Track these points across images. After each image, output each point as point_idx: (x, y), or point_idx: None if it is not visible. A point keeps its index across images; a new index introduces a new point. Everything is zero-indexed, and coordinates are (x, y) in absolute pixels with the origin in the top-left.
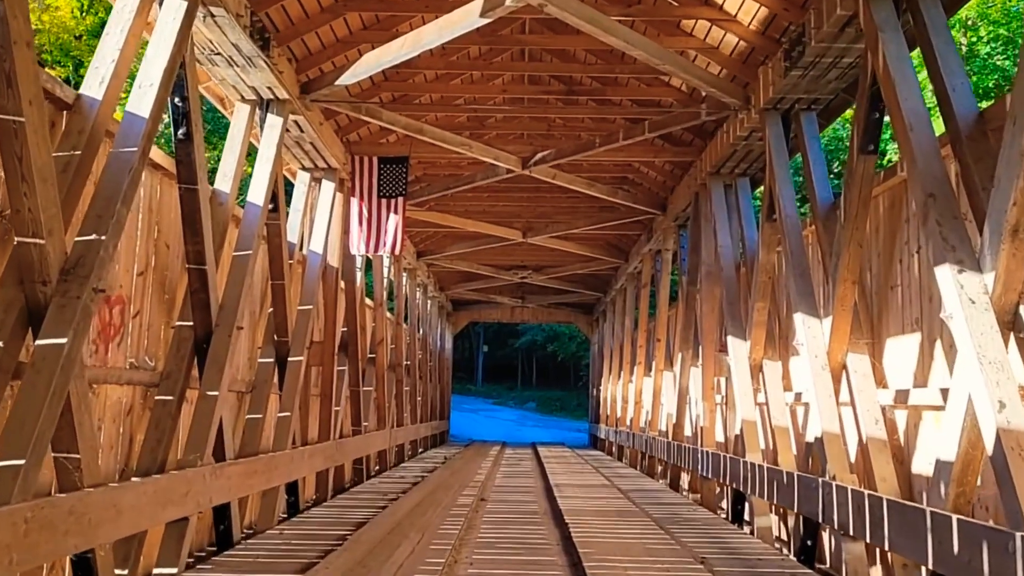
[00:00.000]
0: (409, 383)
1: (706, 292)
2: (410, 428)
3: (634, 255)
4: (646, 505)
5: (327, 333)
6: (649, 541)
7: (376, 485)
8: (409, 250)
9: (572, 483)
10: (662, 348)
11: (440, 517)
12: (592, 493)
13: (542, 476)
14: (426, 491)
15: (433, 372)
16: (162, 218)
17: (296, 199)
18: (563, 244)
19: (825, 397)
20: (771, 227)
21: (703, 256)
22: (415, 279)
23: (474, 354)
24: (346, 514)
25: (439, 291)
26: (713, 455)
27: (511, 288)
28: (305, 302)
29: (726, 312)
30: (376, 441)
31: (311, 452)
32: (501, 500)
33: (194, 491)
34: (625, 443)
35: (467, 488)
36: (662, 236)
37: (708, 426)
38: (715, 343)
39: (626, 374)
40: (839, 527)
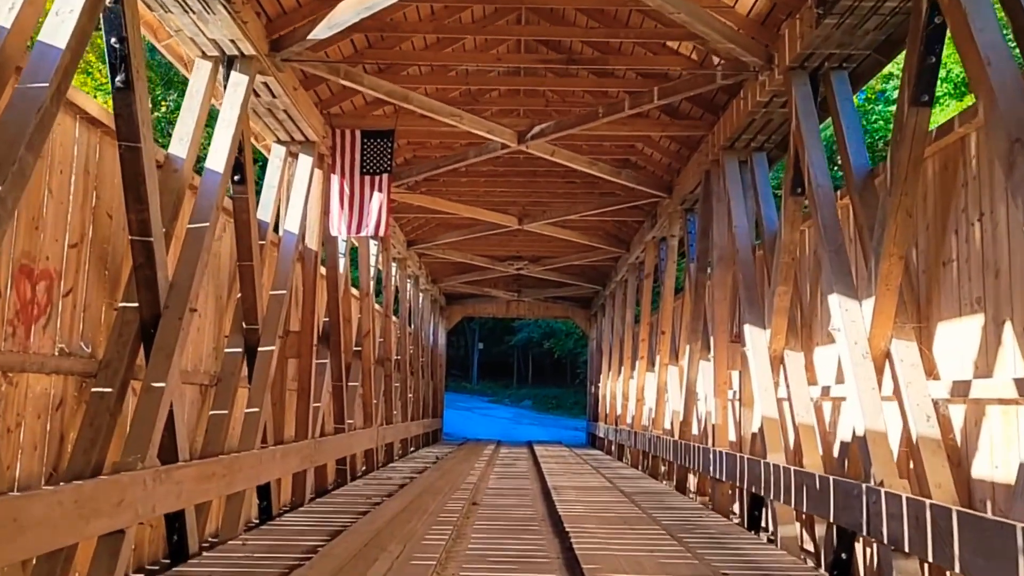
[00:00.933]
0: (399, 379)
1: (718, 278)
2: (400, 426)
3: (636, 244)
4: (653, 510)
5: (305, 323)
6: (662, 554)
7: (360, 487)
8: (399, 239)
9: (571, 485)
10: (667, 341)
11: (426, 525)
12: (593, 496)
13: (539, 477)
14: (413, 494)
15: (425, 368)
16: (103, 183)
17: (270, 175)
18: (561, 232)
19: (867, 390)
20: (795, 202)
21: (715, 239)
22: (405, 269)
23: (469, 351)
24: (323, 521)
25: (431, 284)
26: (728, 456)
27: (507, 281)
28: (278, 287)
29: (743, 298)
30: (361, 440)
31: (284, 452)
32: (494, 504)
33: (130, 499)
34: (626, 442)
35: (458, 491)
36: (667, 222)
37: (720, 424)
38: (728, 333)
39: (627, 370)
40: (890, 542)
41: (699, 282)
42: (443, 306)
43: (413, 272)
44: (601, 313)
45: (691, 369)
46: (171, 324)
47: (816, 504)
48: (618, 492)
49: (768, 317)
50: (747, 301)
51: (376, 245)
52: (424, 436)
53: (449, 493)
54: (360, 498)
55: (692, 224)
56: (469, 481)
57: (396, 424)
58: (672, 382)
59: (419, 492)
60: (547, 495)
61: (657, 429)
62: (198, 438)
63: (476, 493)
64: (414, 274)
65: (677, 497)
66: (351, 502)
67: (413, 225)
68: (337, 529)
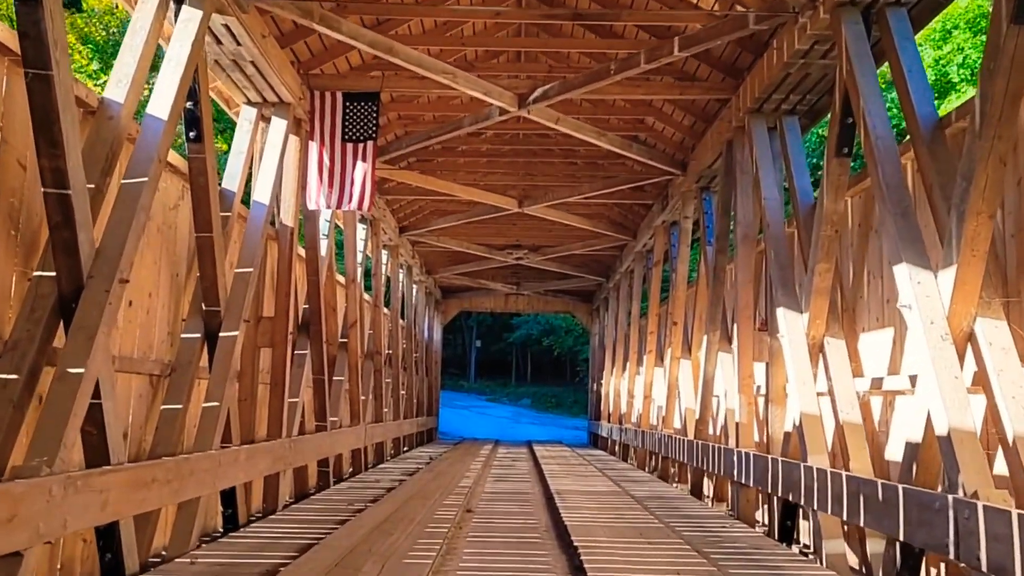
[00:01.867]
0: (391, 375)
1: (742, 259)
2: (391, 425)
3: (643, 230)
4: (669, 519)
5: (279, 308)
6: (692, 572)
7: (344, 491)
8: (390, 224)
9: (576, 489)
10: (679, 333)
11: (412, 537)
12: (602, 503)
13: (540, 480)
14: (400, 500)
15: (420, 364)
16: (12, 124)
17: (239, 140)
18: (563, 217)
19: (949, 379)
20: (840, 165)
21: (738, 216)
22: (397, 258)
23: (467, 349)
24: (294, 532)
25: (426, 275)
26: (757, 458)
27: (505, 274)
28: (244, 264)
29: (775, 279)
30: (346, 439)
31: (251, 453)
32: (491, 512)
33: (26, 514)
34: (632, 442)
35: (451, 495)
36: (680, 203)
37: (745, 422)
38: (753, 321)
39: (632, 366)
40: (993, 570)
41: (718, 266)
42: (438, 300)
43: (406, 261)
44: (604, 307)
45: (708, 362)
46: (95, 298)
47: (879, 517)
48: (628, 497)
49: (804, 301)
50: (780, 282)
51: (365, 230)
52: (418, 435)
53: (441, 498)
54: (342, 504)
55: (708, 203)
56: (463, 484)
57: (387, 423)
58: (685, 377)
59: (407, 497)
60: (550, 501)
61: (668, 428)
62: (148, 437)
63: (471, 498)
64: (407, 263)
65: (694, 503)
66: (331, 508)
67: (405, 211)
68: (308, 543)
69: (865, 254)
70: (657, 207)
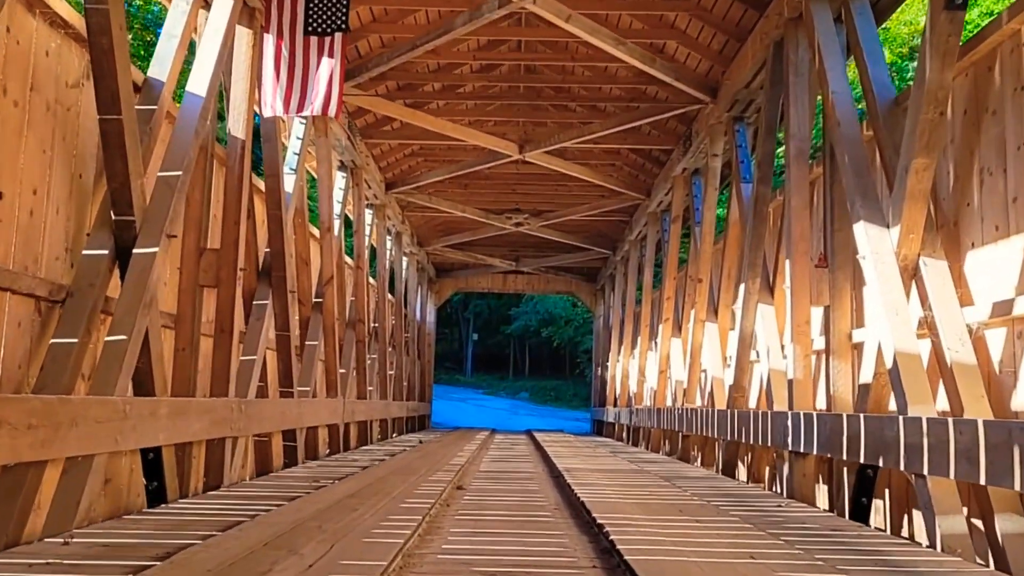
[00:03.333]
0: (378, 350)
1: (795, 182)
2: (377, 404)
3: (660, 185)
4: (710, 496)
5: (227, 238)
6: (774, 562)
7: (314, 469)
8: (374, 177)
9: (587, 467)
10: (703, 293)
11: (381, 514)
12: (621, 480)
13: (544, 460)
14: (376, 476)
15: (411, 345)
16: None
17: (171, 22)
18: (569, 168)
19: None
20: (951, 21)
21: (792, 129)
22: (384, 219)
23: (463, 343)
24: (228, 509)
25: (418, 247)
26: (826, 419)
27: (503, 251)
28: (171, 167)
29: (852, 189)
30: (319, 411)
31: (177, 409)
32: (487, 489)
33: None
34: (645, 423)
35: (439, 472)
36: (707, 140)
37: (802, 378)
38: (811, 256)
39: (644, 341)
40: None
41: (760, 201)
42: (432, 278)
43: (394, 227)
44: (609, 286)
45: (746, 317)
46: None
47: None
48: (653, 476)
49: (892, 212)
50: (858, 192)
51: (345, 179)
52: (408, 421)
53: (427, 474)
54: (307, 481)
55: (742, 135)
56: (455, 463)
57: (372, 401)
58: (711, 342)
59: (387, 473)
60: (558, 479)
61: (690, 401)
62: (33, 380)
63: (463, 476)
64: (395, 229)
65: (729, 482)
66: (290, 485)
67: (389, 159)
68: (239, 520)
69: (977, 147)
70: (677, 153)
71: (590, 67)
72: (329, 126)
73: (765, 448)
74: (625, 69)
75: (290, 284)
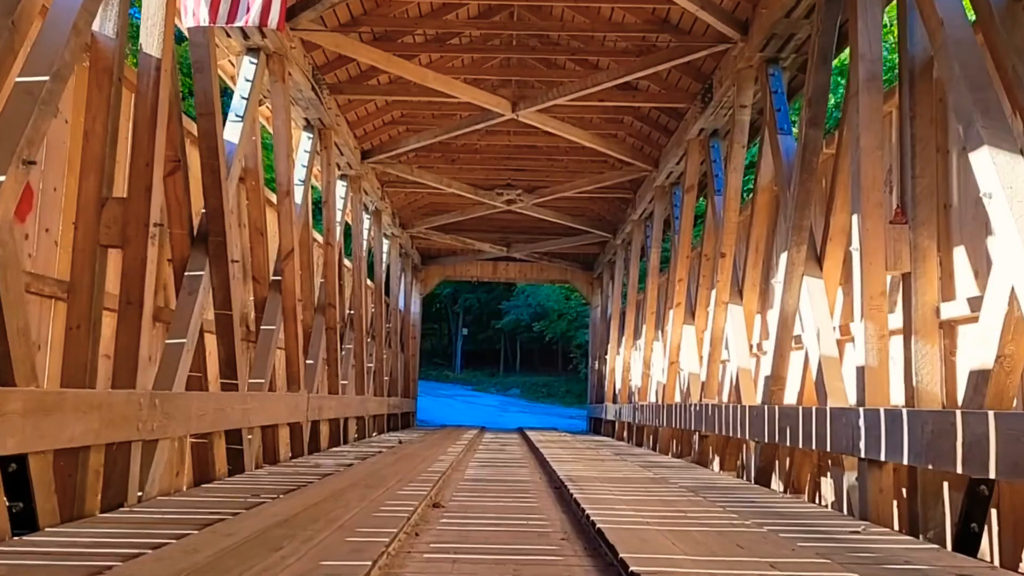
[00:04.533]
0: (354, 340)
1: (866, 114)
2: (352, 400)
3: (670, 152)
4: (761, 520)
5: (136, 184)
6: None
7: (260, 479)
8: (346, 141)
9: (593, 476)
10: (727, 268)
11: (312, 556)
12: (639, 493)
13: (541, 465)
14: (335, 488)
15: (393, 336)
16: None
17: None
18: (567, 131)
19: None
20: None
21: (862, 47)
22: (359, 191)
23: (452, 339)
24: (105, 544)
25: (400, 229)
26: (934, 417)
27: (494, 234)
28: (36, 70)
29: (968, 108)
30: (275, 408)
31: (40, 403)
32: (472, 508)
33: None
34: (652, 421)
35: (413, 483)
36: (734, 89)
37: (877, 365)
38: (885, 211)
39: (650, 329)
40: None
41: (809, 146)
42: (417, 264)
43: (373, 202)
44: (608, 273)
45: (789, 292)
46: None
47: None
48: (675, 486)
49: None
50: (979, 111)
51: (311, 140)
52: (390, 418)
53: (397, 486)
54: (244, 495)
55: (777, 79)
56: (436, 469)
57: (346, 396)
58: (735, 326)
59: (347, 485)
60: (560, 491)
61: (710, 396)
62: None
63: (443, 487)
64: (374, 205)
65: (773, 495)
66: (215, 503)
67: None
68: (107, 565)
69: None
70: (693, 112)
71: (593, 7)
72: (288, 70)
73: (806, 453)
74: (633, 14)
75: (233, 252)
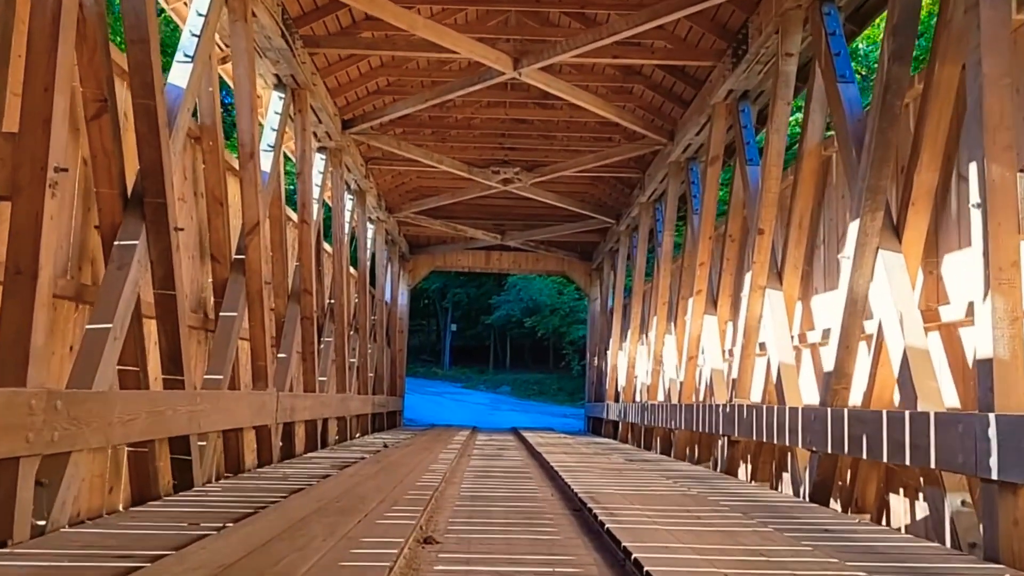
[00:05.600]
0: (335, 332)
1: (990, 30)
2: (331, 399)
3: (689, 121)
4: (854, 557)
5: (31, 117)
6: None
7: (208, 496)
8: (325, 109)
9: (615, 490)
10: (765, 247)
11: None
12: (681, 515)
13: (548, 475)
14: (291, 519)
15: (378, 329)
16: None
17: None
18: (575, 96)
19: None
20: None
21: None
22: (340, 166)
23: (441, 335)
24: None
25: (386, 213)
26: None
27: (487, 221)
28: None
29: None
30: (232, 409)
31: None
32: (476, 539)
33: None
34: (665, 423)
35: (398, 505)
36: (775, 38)
37: (1009, 357)
38: (1017, 157)
39: (661, 321)
40: None
41: (892, 86)
42: (405, 253)
43: (356, 180)
44: (609, 263)
45: (860, 270)
46: None
47: None
48: (717, 505)
49: None
50: None
51: (283, 100)
52: (374, 418)
53: (377, 511)
54: (178, 525)
55: (833, 19)
56: (425, 483)
57: (324, 395)
58: (774, 314)
59: (311, 511)
60: (581, 513)
61: (742, 395)
62: None
63: (435, 512)
64: (357, 184)
65: (843, 518)
66: (133, 539)
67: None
68: None
69: None
70: (720, 71)
71: None
72: (251, 8)
73: (873, 465)
74: None
75: (175, 218)
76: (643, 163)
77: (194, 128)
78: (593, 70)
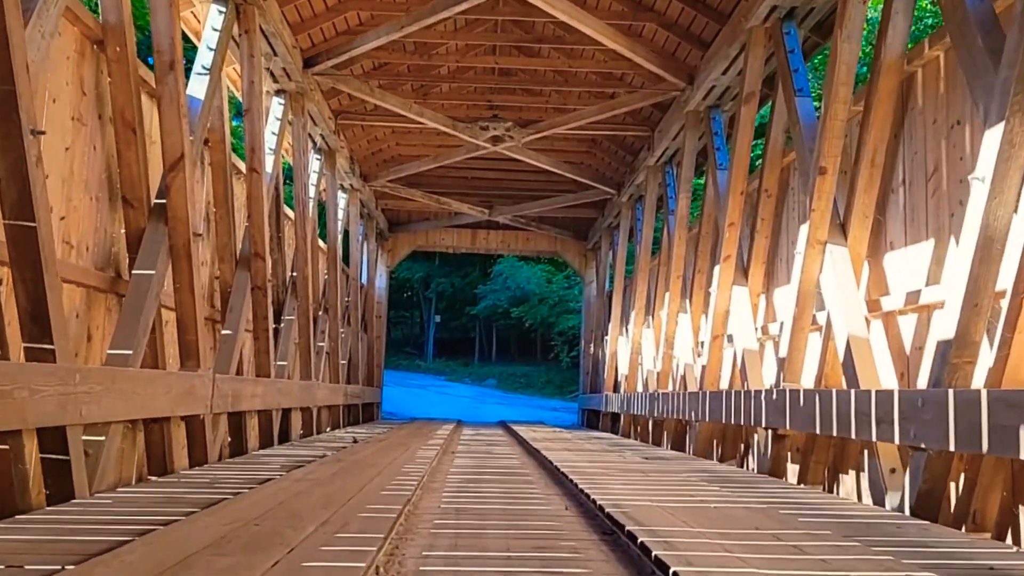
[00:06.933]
0: (297, 311)
1: None
2: (291, 387)
3: (717, 54)
4: None
5: None
6: None
7: (84, 515)
8: (279, 36)
9: (653, 502)
10: (826, 193)
11: None
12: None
13: (554, 480)
14: (180, 553)
15: (353, 312)
16: None
17: None
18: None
19: None
20: None
21: None
22: (302, 114)
23: (424, 326)
24: None
25: (361, 182)
26: None
27: (472, 194)
28: None
29: None
30: (140, 393)
31: None
32: None
33: None
34: (681, 414)
35: (344, 532)
36: None
37: None
38: None
39: (675, 298)
40: None
41: None
42: (383, 231)
43: (323, 135)
44: (607, 241)
45: (997, 198)
46: None
47: None
48: (819, 531)
49: None
50: None
51: (222, 13)
52: (348, 410)
53: (310, 543)
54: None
55: None
56: (392, 492)
57: (283, 381)
58: (839, 276)
59: (215, 538)
60: (614, 537)
61: (792, 380)
62: None
63: (399, 543)
64: (325, 141)
65: (942, 533)
66: None
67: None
68: None
69: None
70: None
71: None
72: None
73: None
74: None
75: (31, 118)
76: (651, 122)
77: (94, 27)
78: (599, 7)
